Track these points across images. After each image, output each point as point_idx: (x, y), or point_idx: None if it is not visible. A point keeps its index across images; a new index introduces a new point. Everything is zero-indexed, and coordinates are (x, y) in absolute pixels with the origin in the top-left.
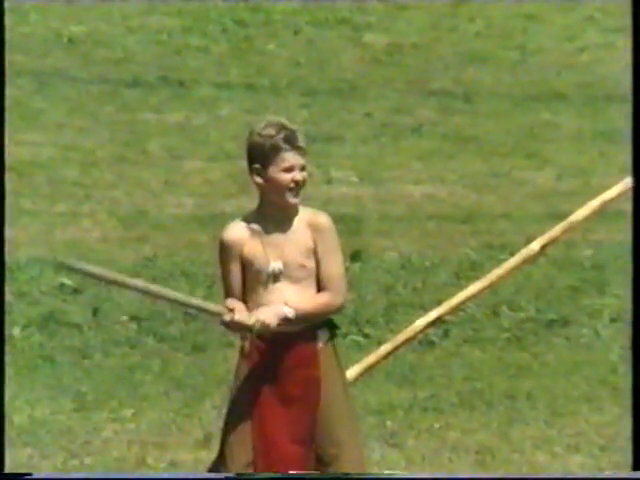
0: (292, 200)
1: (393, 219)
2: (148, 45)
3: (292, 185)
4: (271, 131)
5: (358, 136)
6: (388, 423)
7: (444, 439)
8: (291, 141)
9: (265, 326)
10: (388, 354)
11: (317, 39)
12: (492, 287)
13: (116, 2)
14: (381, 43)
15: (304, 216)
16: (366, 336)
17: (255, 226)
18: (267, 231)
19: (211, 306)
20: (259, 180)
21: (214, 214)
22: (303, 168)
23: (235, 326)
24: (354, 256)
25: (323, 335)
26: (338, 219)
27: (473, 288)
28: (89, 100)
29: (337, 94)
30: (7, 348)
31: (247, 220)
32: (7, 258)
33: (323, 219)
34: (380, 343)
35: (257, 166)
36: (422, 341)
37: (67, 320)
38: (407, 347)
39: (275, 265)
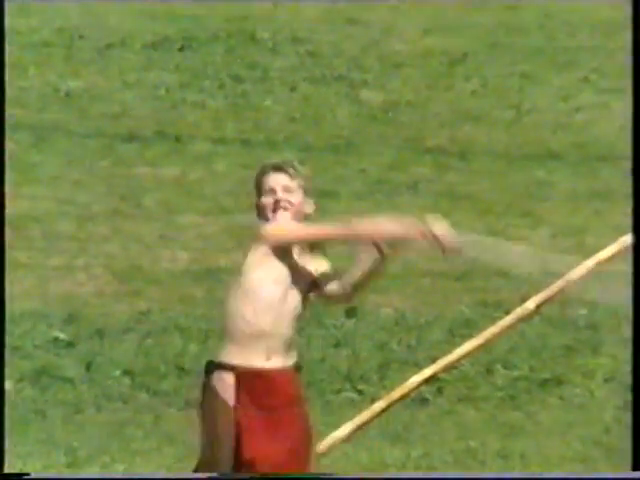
0: (272, 217)
1: (388, 276)
2: (145, 100)
3: (273, 207)
4: (269, 166)
5: (353, 192)
6: None
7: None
8: (276, 166)
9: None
10: (382, 411)
11: (313, 95)
12: (486, 345)
13: (114, 57)
14: (377, 100)
15: None
16: (360, 393)
17: None
18: None
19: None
20: (257, 213)
21: (209, 269)
22: (287, 189)
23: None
24: (349, 312)
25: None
26: None
27: (467, 346)
28: (85, 154)
29: (333, 150)
30: None
31: None
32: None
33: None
34: (373, 400)
35: (257, 196)
36: (416, 399)
37: (60, 374)
38: (401, 404)
39: None
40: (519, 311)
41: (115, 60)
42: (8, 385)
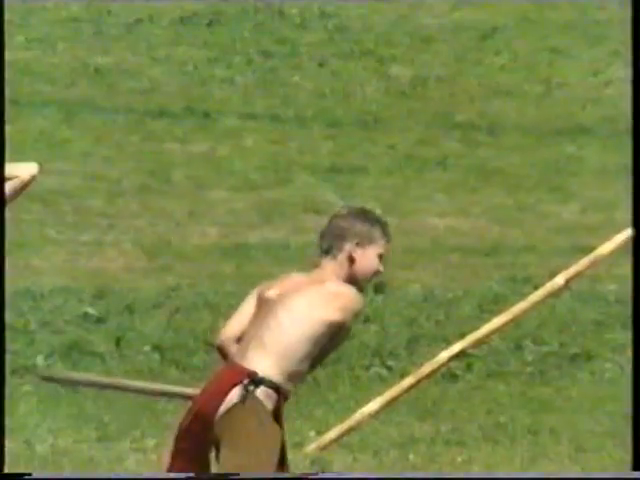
0: (366, 284)
1: (416, 251)
2: (174, 76)
3: (378, 274)
4: (374, 216)
5: (382, 168)
6: (410, 456)
7: (467, 473)
8: (388, 233)
9: None
10: (411, 387)
11: (342, 71)
12: (516, 320)
13: (142, 33)
14: (406, 75)
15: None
16: (389, 369)
17: None
18: None
19: None
20: (355, 254)
21: (238, 244)
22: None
23: None
24: (377, 288)
25: None
26: None
27: (497, 321)
28: (115, 130)
29: (362, 126)
30: (30, 377)
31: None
32: (32, 287)
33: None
34: (403, 376)
35: (360, 242)
36: (445, 374)
37: (90, 349)
38: (430, 380)
39: None
40: (548, 286)
41: (144, 36)
42: (39, 360)
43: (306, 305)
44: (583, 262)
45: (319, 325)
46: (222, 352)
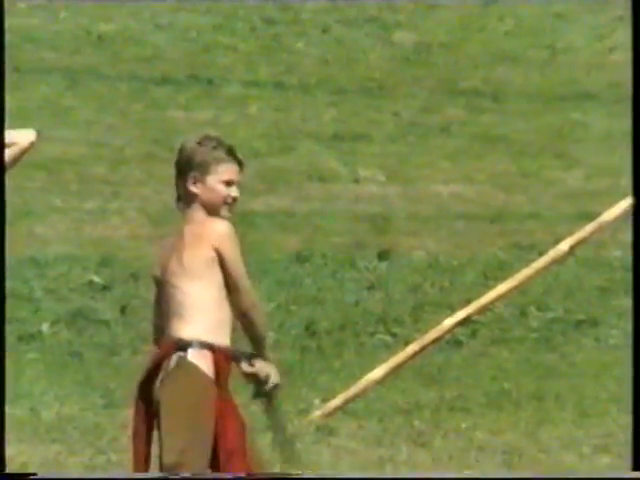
0: (226, 214)
1: (421, 218)
2: (177, 43)
3: (229, 200)
4: (212, 142)
5: (386, 135)
6: (415, 423)
7: (471, 439)
8: (233, 154)
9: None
10: (415, 354)
11: (346, 37)
12: (520, 287)
13: (145, 0)
14: (410, 42)
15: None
16: (393, 335)
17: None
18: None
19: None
20: (195, 189)
21: (242, 212)
22: (238, 185)
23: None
24: (382, 255)
25: None
26: (366, 218)
27: (501, 288)
28: (118, 97)
29: (365, 93)
30: (36, 344)
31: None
32: (36, 255)
33: (224, 227)
34: (407, 343)
35: (195, 174)
36: (450, 341)
37: (96, 317)
38: (435, 347)
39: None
40: (553, 253)
41: (146, 2)
42: (44, 327)
43: (184, 260)
44: (588, 228)
45: (203, 268)
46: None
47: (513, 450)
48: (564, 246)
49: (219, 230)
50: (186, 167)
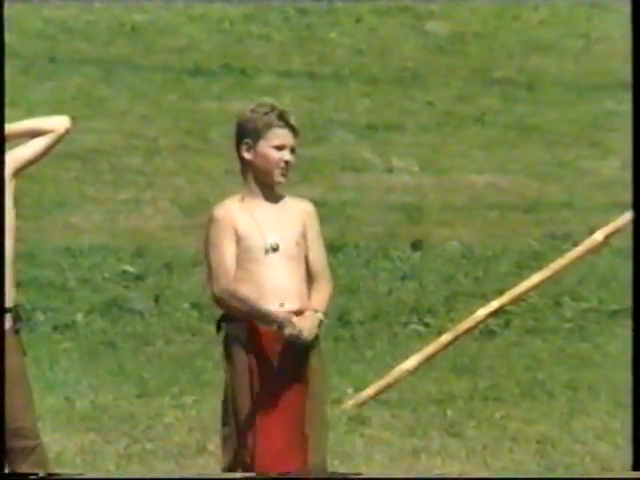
0: (279, 179)
1: (455, 208)
2: (210, 33)
3: (282, 164)
4: (265, 108)
5: (420, 125)
6: (448, 412)
7: (505, 429)
8: (284, 119)
9: (309, 336)
10: (449, 344)
11: (379, 27)
12: (555, 277)
13: None
14: (444, 31)
15: (291, 201)
16: (426, 325)
17: (248, 203)
18: (260, 209)
19: (280, 314)
20: (248, 156)
21: None
22: (293, 150)
23: (292, 337)
24: (415, 245)
25: None
26: (399, 208)
27: (535, 278)
28: (152, 88)
29: (399, 82)
30: (70, 334)
31: (238, 198)
32: (71, 245)
33: (311, 206)
34: (440, 332)
35: (248, 141)
36: (483, 331)
37: (129, 307)
38: (468, 337)
39: (272, 240)
40: (587, 243)
41: None
42: (79, 317)
43: None
44: (622, 218)
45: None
46: (226, 301)
47: (546, 440)
48: (599, 236)
49: (213, 212)
50: (240, 135)
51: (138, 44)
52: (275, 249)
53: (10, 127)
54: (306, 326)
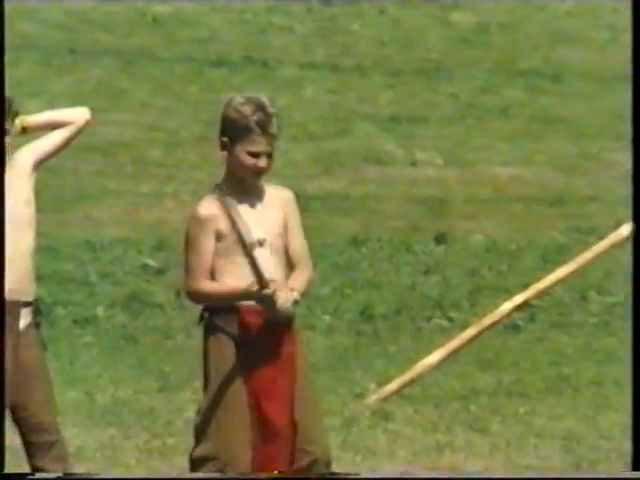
0: (253, 182)
1: (479, 201)
2: (232, 24)
3: (255, 170)
4: (247, 110)
5: (443, 117)
6: (472, 408)
7: (529, 424)
8: (264, 126)
9: (283, 306)
10: (473, 338)
11: (402, 18)
12: (580, 271)
13: None
14: (468, 22)
15: (271, 190)
16: (450, 320)
17: (229, 199)
18: (241, 203)
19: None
20: (224, 153)
21: (297, 195)
22: (270, 155)
23: (270, 302)
24: (439, 239)
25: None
26: (423, 201)
27: (561, 272)
28: (173, 80)
29: (422, 74)
30: (91, 328)
31: (217, 194)
32: (92, 238)
33: (291, 194)
34: (464, 327)
35: (225, 140)
36: (508, 325)
37: (150, 300)
38: (492, 331)
39: (257, 235)
40: (613, 236)
41: None
42: (99, 311)
43: None
44: None
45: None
46: (199, 301)
47: (572, 436)
48: (625, 230)
49: (195, 211)
50: (221, 127)
51: (159, 35)
52: (261, 243)
53: (30, 119)
54: (281, 294)
